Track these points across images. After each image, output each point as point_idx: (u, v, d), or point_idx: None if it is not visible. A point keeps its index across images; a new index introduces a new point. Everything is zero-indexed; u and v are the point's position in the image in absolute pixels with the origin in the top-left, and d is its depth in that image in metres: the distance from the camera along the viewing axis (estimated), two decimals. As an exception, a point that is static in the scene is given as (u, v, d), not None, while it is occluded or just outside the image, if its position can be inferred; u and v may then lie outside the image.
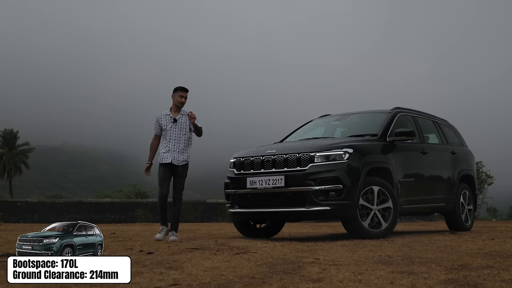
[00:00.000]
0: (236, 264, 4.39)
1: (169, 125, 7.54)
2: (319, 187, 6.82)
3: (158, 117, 7.66)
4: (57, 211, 18.92)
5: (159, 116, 7.65)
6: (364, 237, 6.94)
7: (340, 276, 3.71)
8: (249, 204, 7.41)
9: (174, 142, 7.48)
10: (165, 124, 7.56)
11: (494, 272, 3.81)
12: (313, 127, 9.13)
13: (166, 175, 7.48)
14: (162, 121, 7.60)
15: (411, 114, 8.85)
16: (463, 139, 10.35)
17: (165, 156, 7.48)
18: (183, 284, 3.39)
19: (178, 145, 7.50)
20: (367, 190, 7.05)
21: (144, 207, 19.57)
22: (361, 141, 7.50)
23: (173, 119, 7.54)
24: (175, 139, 7.49)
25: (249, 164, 7.42)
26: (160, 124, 7.60)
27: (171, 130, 7.52)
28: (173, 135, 7.51)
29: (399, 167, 7.71)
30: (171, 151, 7.46)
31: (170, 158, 7.43)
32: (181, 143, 7.52)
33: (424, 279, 3.54)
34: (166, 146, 7.52)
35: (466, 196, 9.54)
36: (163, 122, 7.59)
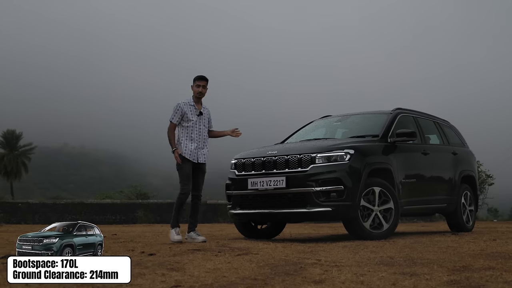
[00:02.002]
0: (238, 265, 4.39)
1: (194, 117, 7.23)
2: (320, 188, 6.82)
3: (181, 106, 7.22)
4: (58, 212, 18.93)
5: (182, 105, 7.22)
6: (365, 238, 6.94)
7: (342, 277, 3.70)
8: (250, 205, 7.41)
9: (200, 136, 7.23)
10: (190, 115, 7.20)
11: (496, 274, 3.81)
12: (314, 128, 9.13)
13: (191, 171, 7.19)
14: (186, 111, 7.20)
15: (412, 114, 8.85)
16: (464, 140, 10.34)
17: (194, 153, 7.18)
18: (185, 286, 3.38)
19: (203, 140, 7.29)
20: (368, 191, 7.05)
21: (145, 208, 19.57)
22: (362, 142, 7.50)
23: (199, 112, 7.27)
24: (200, 134, 7.24)
25: (250, 165, 7.42)
26: (183, 113, 7.19)
27: (197, 124, 7.24)
28: (199, 129, 7.24)
29: (400, 168, 7.71)
30: (198, 147, 7.21)
31: (199, 156, 7.21)
32: (205, 138, 7.34)
33: (426, 281, 3.54)
34: (192, 140, 7.20)
35: (467, 197, 9.53)
36: (188, 112, 7.20)
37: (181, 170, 7.17)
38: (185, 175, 7.16)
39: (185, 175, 7.16)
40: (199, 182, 7.33)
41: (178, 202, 7.23)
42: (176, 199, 7.25)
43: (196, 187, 7.32)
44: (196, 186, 7.32)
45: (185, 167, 7.16)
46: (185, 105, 7.24)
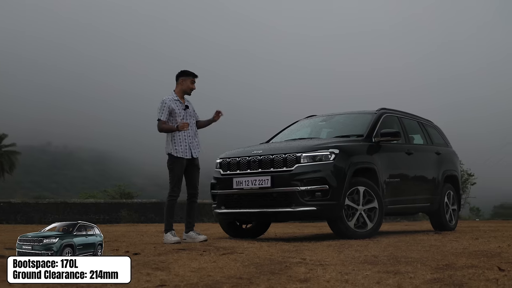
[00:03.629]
0: (223, 264, 4.39)
1: (181, 112, 7.05)
2: (305, 188, 6.84)
3: (167, 102, 7.02)
4: (40, 212, 18.80)
5: (168, 101, 7.03)
6: (350, 237, 6.97)
7: (327, 276, 3.72)
8: (236, 204, 7.41)
9: (190, 131, 7.06)
10: (176, 110, 7.02)
11: (478, 272, 3.85)
12: (299, 127, 9.15)
13: (182, 172, 7.03)
14: (173, 107, 7.01)
15: (396, 115, 8.91)
16: (447, 140, 10.43)
17: (186, 149, 7.00)
18: (171, 285, 3.38)
19: (194, 134, 7.13)
20: (353, 190, 7.09)
21: (129, 208, 19.50)
22: (347, 141, 7.53)
23: (185, 106, 7.12)
24: (190, 128, 7.06)
25: (235, 165, 7.42)
26: (170, 109, 7.00)
27: (186, 118, 7.07)
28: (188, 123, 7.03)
29: (385, 167, 7.76)
30: (190, 142, 7.05)
31: (192, 150, 7.06)
32: (195, 131, 7.19)
33: (410, 279, 3.57)
34: (183, 136, 7.00)
35: (451, 196, 9.61)
36: (175, 107, 7.03)
37: (173, 171, 7.02)
38: (176, 176, 7.02)
39: (175, 176, 7.01)
40: (194, 180, 7.19)
41: (168, 205, 7.05)
42: (166, 202, 7.07)
43: (192, 185, 7.18)
44: (192, 184, 7.18)
45: (177, 168, 7.00)
46: (170, 101, 7.07)
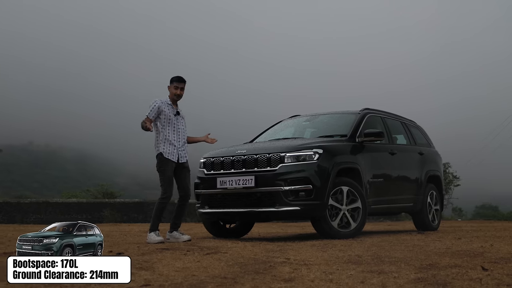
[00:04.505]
0: (207, 264, 4.38)
1: (172, 116, 7.00)
2: (289, 187, 6.85)
3: (158, 102, 6.96)
4: (22, 211, 18.60)
5: (159, 102, 6.97)
6: (333, 237, 6.99)
7: (311, 275, 3.73)
8: (219, 204, 7.40)
9: (179, 135, 7.01)
10: (167, 113, 6.96)
11: (462, 271, 3.87)
12: (283, 127, 9.16)
13: (173, 173, 6.98)
14: (165, 109, 6.96)
15: (380, 115, 8.95)
16: (430, 140, 10.50)
17: (175, 153, 6.96)
18: (155, 285, 3.37)
19: (182, 139, 7.07)
20: (337, 190, 7.10)
21: (112, 207, 19.35)
22: (330, 141, 7.55)
23: (176, 111, 7.07)
24: (179, 133, 7.03)
25: (219, 164, 7.41)
26: (160, 111, 6.93)
27: (176, 123, 7.02)
28: (178, 128, 7.03)
29: (368, 167, 7.79)
30: (179, 147, 7.00)
31: (180, 155, 7.01)
32: (184, 137, 7.13)
33: (394, 278, 3.58)
34: (170, 139, 6.95)
35: (433, 196, 9.68)
36: (166, 110, 6.98)
37: (163, 173, 6.96)
38: (167, 178, 6.94)
39: (166, 178, 6.94)
40: (186, 181, 7.14)
41: (159, 207, 6.98)
42: (157, 203, 7.01)
43: (184, 187, 7.12)
44: (184, 186, 7.12)
45: (167, 170, 6.94)
46: (162, 103, 7.02)
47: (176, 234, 7.06)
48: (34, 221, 17.52)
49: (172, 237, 7.06)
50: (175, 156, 6.99)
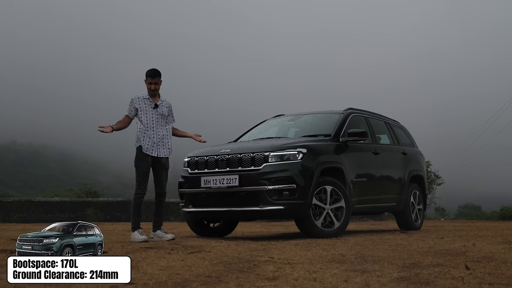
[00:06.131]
0: (191, 263, 4.38)
1: (149, 110, 7.00)
2: (273, 187, 6.86)
3: (134, 99, 7.03)
4: (4, 210, 18.44)
5: (136, 99, 7.03)
6: (317, 236, 7.01)
7: (295, 274, 3.74)
8: (203, 203, 7.39)
9: (154, 129, 7.00)
10: (143, 108, 6.99)
11: (444, 270, 3.91)
12: (267, 127, 9.17)
13: (148, 169, 7.00)
14: (139, 105, 7.00)
15: (363, 115, 8.99)
16: (413, 140, 10.57)
17: (152, 147, 6.96)
18: (139, 283, 3.36)
19: (159, 133, 7.04)
20: (320, 189, 7.13)
21: (95, 206, 19.26)
22: (314, 141, 7.57)
23: (154, 104, 7.05)
24: (155, 126, 7.02)
25: (203, 163, 7.40)
26: (136, 107, 6.99)
27: (152, 116, 7.01)
28: (154, 121, 7.01)
29: (352, 167, 7.82)
30: (154, 141, 6.98)
31: (160, 149, 7.01)
32: (162, 131, 7.09)
33: (377, 277, 3.61)
34: (146, 133, 6.97)
35: (416, 196, 9.75)
36: (141, 105, 7.00)
37: (138, 169, 7.00)
38: (141, 174, 6.98)
39: (141, 174, 6.98)
40: (162, 179, 7.17)
41: (134, 204, 7.01)
42: (132, 200, 7.04)
43: (160, 185, 7.16)
44: (159, 183, 7.16)
45: (142, 165, 6.98)
46: (139, 99, 7.05)
47: (160, 233, 7.05)
48: (17, 220, 17.36)
49: (156, 236, 7.05)
50: (154, 150, 7.01)
